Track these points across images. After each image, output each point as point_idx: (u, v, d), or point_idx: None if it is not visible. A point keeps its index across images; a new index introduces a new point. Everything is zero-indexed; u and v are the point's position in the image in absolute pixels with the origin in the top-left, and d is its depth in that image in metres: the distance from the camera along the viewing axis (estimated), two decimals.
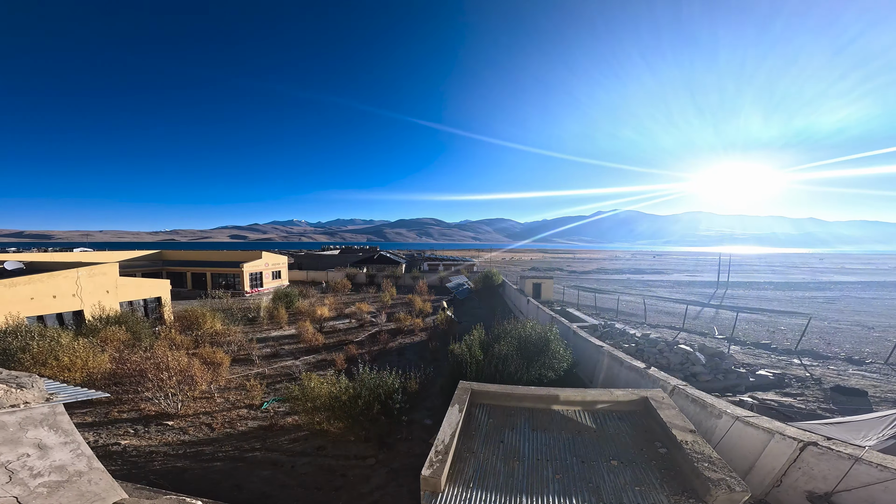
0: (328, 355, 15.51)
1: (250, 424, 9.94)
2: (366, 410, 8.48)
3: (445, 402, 10.04)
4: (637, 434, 5.51)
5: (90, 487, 3.71)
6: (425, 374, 12.12)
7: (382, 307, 26.70)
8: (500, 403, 6.37)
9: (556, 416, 6.02)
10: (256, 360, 14.89)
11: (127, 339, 14.48)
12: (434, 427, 9.44)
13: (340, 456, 8.36)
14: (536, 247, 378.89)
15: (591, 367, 11.49)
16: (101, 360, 12.16)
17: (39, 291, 16.59)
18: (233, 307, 22.48)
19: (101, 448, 8.76)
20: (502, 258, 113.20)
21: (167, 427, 9.88)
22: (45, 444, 3.85)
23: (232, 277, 33.92)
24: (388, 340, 17.96)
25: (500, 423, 5.84)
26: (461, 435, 5.34)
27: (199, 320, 17.77)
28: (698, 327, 21.55)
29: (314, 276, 45.23)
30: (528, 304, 21.86)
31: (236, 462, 8.16)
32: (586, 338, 12.41)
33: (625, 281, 50.50)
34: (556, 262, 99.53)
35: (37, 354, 11.16)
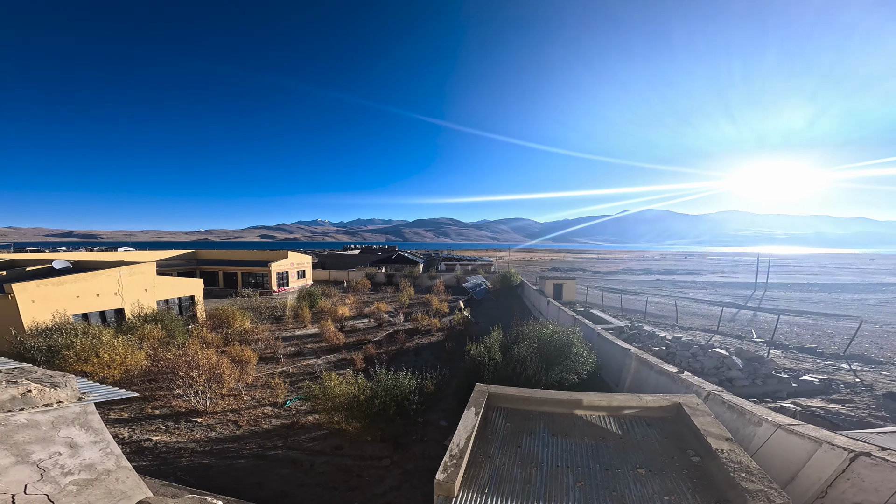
0: (348, 354, 15.74)
1: (274, 422, 10.13)
2: (382, 411, 8.53)
3: (461, 404, 9.93)
4: (667, 441, 5.25)
5: (117, 486, 3.83)
6: (441, 375, 12.07)
7: (400, 307, 26.95)
8: (518, 407, 6.21)
9: (578, 421, 5.81)
10: (281, 359, 15.30)
11: (162, 337, 15.02)
12: (449, 429, 9.37)
13: (357, 456, 8.44)
14: (557, 247, 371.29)
15: (617, 370, 11.07)
16: (139, 358, 12.56)
17: (84, 290, 17.19)
18: (261, 306, 23.24)
19: (135, 444, 9.07)
20: (521, 258, 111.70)
21: (196, 424, 10.13)
22: (76, 442, 3.96)
23: (260, 276, 34.97)
24: (405, 340, 18.09)
25: (518, 428, 5.68)
26: (477, 439, 5.22)
27: (230, 319, 18.24)
28: (734, 330, 20.44)
29: (336, 276, 46.23)
30: (549, 305, 21.40)
31: (259, 460, 8.34)
32: (612, 340, 11.98)
33: (653, 282, 48.60)
34: (579, 262, 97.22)
35: (80, 351, 11.54)
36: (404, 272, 46.12)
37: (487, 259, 70.65)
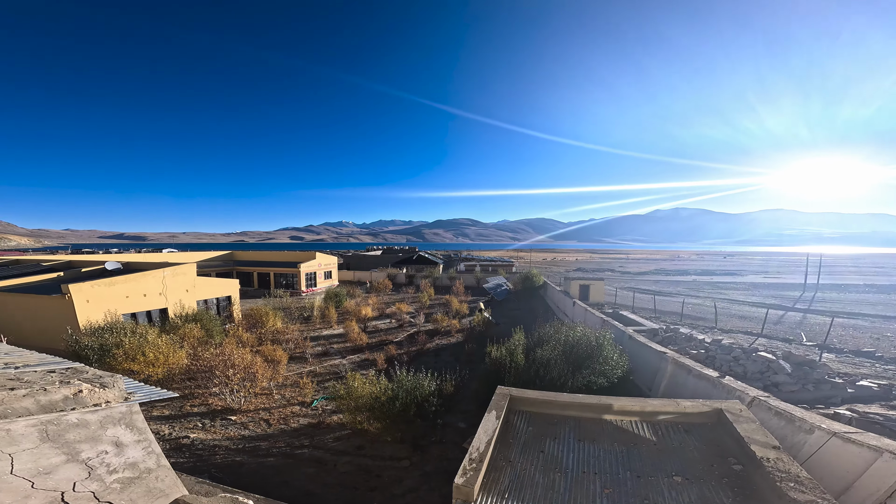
0: (370, 355, 16.02)
1: (301, 421, 10.40)
2: (402, 412, 8.63)
3: (480, 407, 9.83)
4: (706, 449, 4.98)
5: (156, 484, 3.98)
6: (461, 377, 12.04)
7: (420, 308, 27.15)
8: (541, 411, 6.05)
9: (607, 426, 5.59)
10: (309, 358, 15.76)
11: (201, 336, 15.54)
12: (468, 431, 9.33)
13: (377, 456, 8.57)
14: (582, 247, 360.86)
15: (651, 374, 10.67)
16: (180, 357, 13.01)
17: (133, 290, 17.90)
18: (291, 306, 23.86)
19: (174, 440, 9.44)
20: (543, 258, 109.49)
21: (230, 422, 10.44)
22: (122, 441, 4.11)
23: (291, 277, 36.14)
24: (425, 341, 18.21)
25: (541, 432, 5.53)
26: (498, 443, 5.12)
27: (263, 319, 18.79)
28: (781, 333, 19.16)
29: (360, 276, 47.07)
30: (574, 306, 20.89)
31: (287, 458, 8.57)
32: (645, 343, 11.55)
33: (690, 283, 46.25)
34: (607, 262, 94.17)
35: (128, 350, 12.05)
36: (424, 273, 46.45)
37: (508, 259, 69.79)
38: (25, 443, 3.47)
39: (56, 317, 15.49)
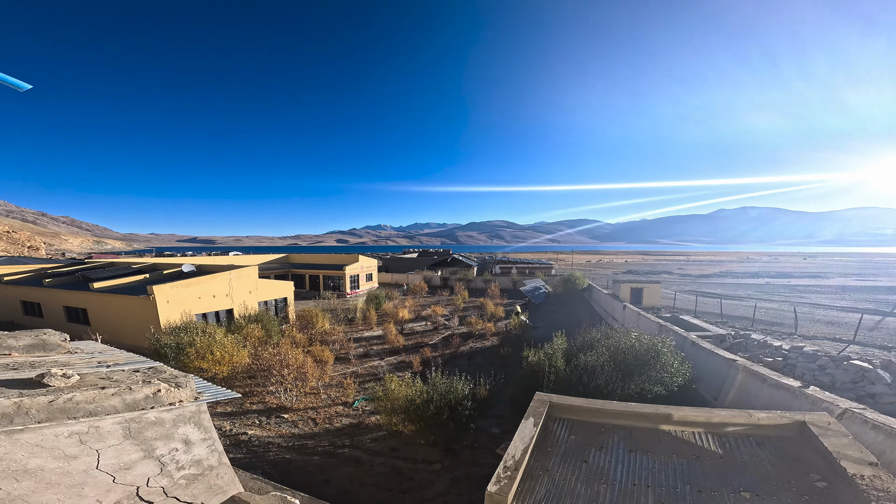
0: (407, 357, 16.31)
1: (344, 421, 10.70)
2: (436, 415, 8.67)
3: (515, 412, 9.66)
4: (783, 464, 4.56)
5: (216, 481, 4.20)
6: (495, 381, 11.83)
7: (455, 310, 27.18)
8: (586, 419, 5.77)
9: (664, 437, 5.23)
10: (352, 359, 16.25)
11: (261, 336, 15.97)
12: (501, 437, 9.23)
13: (410, 459, 8.73)
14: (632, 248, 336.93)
15: (717, 383, 9.98)
16: (242, 356, 13.39)
17: (204, 291, 18.60)
18: (337, 308, 24.93)
19: (233, 437, 9.80)
20: (587, 261, 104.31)
21: (283, 420, 10.79)
22: (190, 439, 4.31)
23: (337, 279, 37.44)
24: (459, 344, 18.21)
25: (585, 441, 5.26)
26: (535, 451, 4.94)
27: (314, 320, 19.07)
28: (878, 340, 17.12)
29: (397, 279, 48.01)
30: (625, 310, 19.83)
31: (329, 457, 8.89)
32: (710, 350, 10.83)
33: (763, 286, 42.18)
34: (662, 264, 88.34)
35: (199, 349, 12.49)
36: (459, 275, 46.30)
37: (546, 262, 67.38)
38: (111, 439, 3.67)
39: (142, 316, 16.63)
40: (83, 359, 5.92)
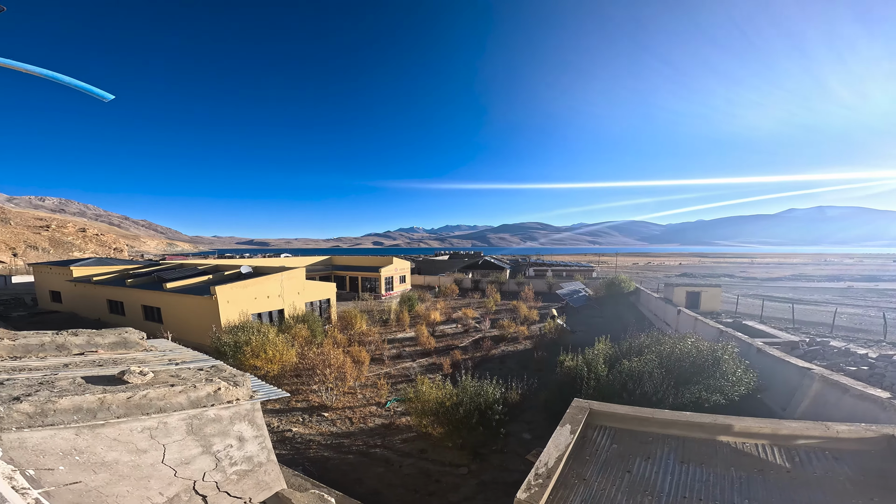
0: (437, 359, 16.31)
1: (377, 421, 10.81)
2: (465, 419, 8.61)
3: (549, 418, 9.43)
4: (864, 480, 4.16)
5: (264, 477, 4.33)
6: (528, 386, 11.47)
7: (486, 313, 26.81)
8: (630, 428, 5.46)
9: (722, 448, 4.89)
10: (386, 360, 16.44)
11: (307, 337, 16.18)
12: (532, 443, 9.01)
13: (437, 461, 8.71)
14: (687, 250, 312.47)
15: (786, 393, 9.31)
16: (290, 355, 13.59)
17: (259, 292, 18.98)
18: (373, 309, 25.34)
19: (279, 433, 10.03)
20: (633, 263, 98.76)
21: (323, 418, 11.00)
22: (244, 436, 4.41)
23: (373, 281, 38.14)
24: (490, 347, 17.95)
25: (629, 451, 4.95)
26: (570, 458, 4.73)
27: (353, 321, 19.40)
28: None
29: (429, 281, 48.16)
30: (680, 315, 18.76)
31: (362, 457, 9.00)
32: (780, 357, 10.11)
33: (843, 290, 38.20)
34: (723, 267, 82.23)
35: (254, 348, 12.79)
36: (490, 278, 45.65)
37: (587, 264, 64.64)
38: (176, 435, 3.81)
39: (205, 315, 17.24)
40: (157, 356, 6.14)
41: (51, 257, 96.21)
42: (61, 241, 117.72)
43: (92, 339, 6.03)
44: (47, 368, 4.57)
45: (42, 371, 4.38)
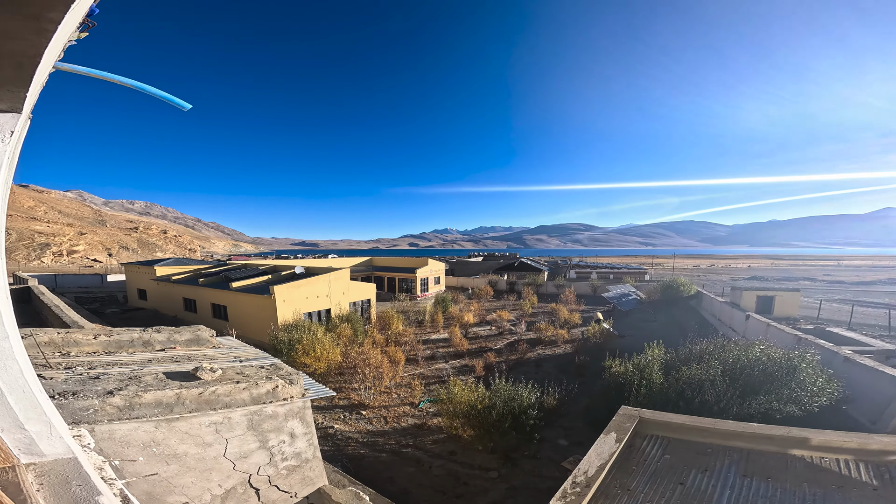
0: (470, 361, 16.15)
1: (409, 421, 10.88)
2: (497, 422, 8.46)
3: (589, 425, 9.09)
4: None
5: (309, 473, 4.50)
6: (567, 391, 11.03)
7: (522, 315, 26.10)
8: (686, 438, 5.12)
9: (795, 463, 4.49)
10: (420, 361, 16.39)
11: (350, 336, 16.49)
12: (569, 450, 8.69)
13: (466, 464, 8.65)
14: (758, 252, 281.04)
15: (878, 405, 8.55)
16: (336, 354, 13.85)
17: (310, 292, 19.38)
18: (409, 310, 25.51)
19: (322, 430, 10.20)
20: (694, 265, 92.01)
21: (361, 416, 11.15)
22: (295, 433, 4.52)
23: (409, 282, 38.26)
24: (526, 350, 17.47)
25: (684, 462, 4.64)
26: (614, 468, 4.49)
27: (391, 322, 19.52)
28: None
29: (462, 282, 47.38)
30: (749, 320, 17.47)
31: (394, 456, 9.08)
32: (871, 366, 9.25)
33: None
34: (802, 269, 74.43)
35: (305, 346, 13.06)
36: (527, 280, 44.20)
37: (638, 266, 60.43)
38: (237, 430, 3.91)
39: (264, 313, 17.86)
40: (223, 353, 6.48)
41: (138, 257, 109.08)
42: (147, 241, 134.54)
43: (171, 336, 6.49)
44: (135, 363, 5.00)
45: (131, 366, 4.79)
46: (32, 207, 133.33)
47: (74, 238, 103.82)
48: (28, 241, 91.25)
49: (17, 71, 1.53)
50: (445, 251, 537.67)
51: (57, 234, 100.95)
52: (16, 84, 1.60)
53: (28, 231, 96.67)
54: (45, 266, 77.98)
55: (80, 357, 5.14)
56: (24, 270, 51.32)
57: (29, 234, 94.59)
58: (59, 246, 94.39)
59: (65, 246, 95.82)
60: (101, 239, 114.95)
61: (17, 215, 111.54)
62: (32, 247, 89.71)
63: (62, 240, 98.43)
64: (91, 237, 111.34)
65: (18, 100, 1.69)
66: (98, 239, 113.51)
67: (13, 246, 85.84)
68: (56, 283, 37.15)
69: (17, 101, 1.70)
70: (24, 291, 18.03)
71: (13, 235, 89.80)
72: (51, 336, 5.36)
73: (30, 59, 1.49)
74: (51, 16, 1.34)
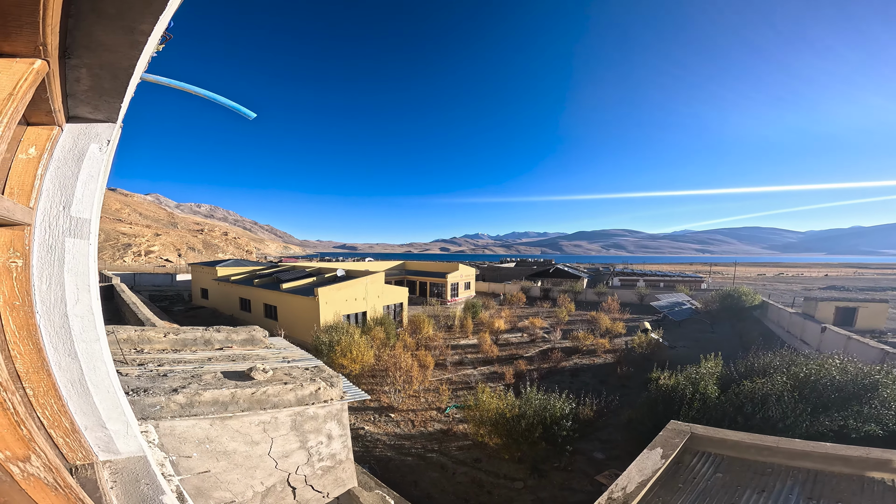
0: (500, 368, 15.90)
1: (436, 426, 10.89)
2: (527, 432, 8.22)
3: (630, 439, 8.67)
4: None
5: (341, 474, 4.59)
6: (606, 403, 10.61)
7: (557, 323, 25.22)
8: (743, 457, 4.77)
9: (872, 486, 4.11)
10: (448, 366, 16.33)
11: (383, 339, 16.64)
12: (605, 464, 8.35)
13: (492, 472, 8.57)
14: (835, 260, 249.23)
15: None
16: (369, 356, 13.96)
17: (349, 294, 19.80)
18: (439, 315, 25.60)
19: (354, 430, 10.18)
20: (760, 274, 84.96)
21: (390, 419, 11.21)
22: (332, 434, 4.62)
23: (440, 287, 38.33)
24: (560, 359, 16.90)
25: (738, 482, 4.33)
26: (657, 485, 4.22)
27: (421, 326, 19.65)
28: None
29: (493, 288, 46.31)
30: (825, 333, 16.27)
31: (420, 460, 9.12)
32: None
33: None
34: (889, 279, 67.16)
35: (343, 347, 13.27)
36: (563, 287, 42.42)
37: (694, 275, 55.75)
38: (282, 429, 3.99)
39: (308, 314, 18.39)
40: (274, 354, 6.72)
41: (203, 258, 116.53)
42: (210, 243, 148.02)
43: (229, 336, 6.82)
44: (197, 361, 5.29)
45: (193, 364, 5.08)
46: (118, 210, 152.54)
47: (151, 239, 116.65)
48: (114, 242, 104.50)
49: (114, 82, 1.57)
50: (476, 256, 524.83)
51: (137, 236, 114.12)
52: (112, 95, 1.63)
53: (114, 232, 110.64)
54: (126, 265, 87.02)
55: (152, 354, 5.53)
56: (108, 269, 56.88)
57: (115, 235, 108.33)
58: (139, 246, 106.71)
59: (143, 246, 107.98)
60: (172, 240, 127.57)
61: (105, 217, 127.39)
62: (117, 247, 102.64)
63: (141, 240, 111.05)
64: (165, 238, 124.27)
65: (115, 110, 1.73)
66: (170, 240, 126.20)
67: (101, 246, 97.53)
68: (134, 282, 41.04)
69: (114, 111, 1.73)
70: (108, 289, 20.07)
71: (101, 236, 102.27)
72: (129, 333, 5.79)
73: (125, 71, 1.52)
74: (142, 27, 1.35)
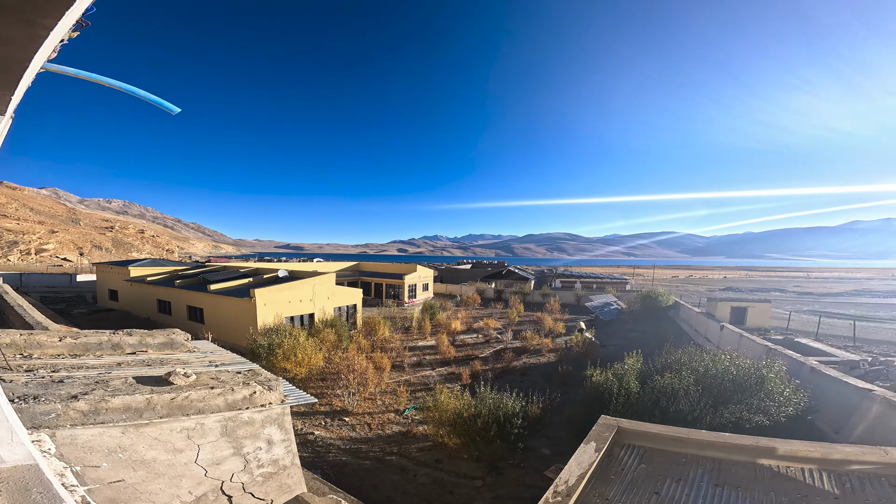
0: (457, 368, 16.09)
1: (394, 428, 10.77)
2: (483, 431, 8.46)
3: (572, 434, 9.12)
4: None
5: (287, 480, 4.41)
6: (550, 400, 11.02)
7: (509, 324, 26.15)
8: (663, 448, 5.24)
9: (763, 472, 4.62)
10: (406, 368, 16.32)
11: (334, 341, 16.17)
12: (552, 458, 8.72)
13: (452, 472, 8.60)
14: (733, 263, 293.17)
15: (842, 415, 8.79)
16: (318, 359, 13.65)
17: (293, 296, 19.12)
18: (396, 316, 25.28)
19: (302, 436, 10.01)
20: (673, 276, 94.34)
21: (344, 423, 11.02)
22: (272, 440, 4.44)
23: (397, 288, 38.10)
24: (512, 359, 17.52)
25: (659, 472, 4.76)
26: (594, 477, 4.56)
27: (377, 327, 19.31)
28: None
29: (451, 289, 47.20)
30: (723, 331, 17.92)
31: (379, 463, 9.00)
32: (836, 377, 9.54)
33: None
34: (773, 281, 77.18)
35: (285, 351, 12.88)
36: (514, 288, 44.39)
37: (620, 276, 61.80)
38: (210, 436, 3.86)
39: (243, 316, 17.62)
40: (199, 357, 6.28)
41: (112, 257, 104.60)
42: (122, 241, 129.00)
43: (143, 340, 6.26)
44: (103, 367, 4.78)
45: (98, 369, 4.57)
46: (3, 205, 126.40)
47: (45, 236, 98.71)
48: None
49: (4, 74, 1.56)
50: (435, 258, 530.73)
51: (26, 232, 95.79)
52: (2, 87, 1.63)
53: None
54: (11, 265, 73.77)
55: (44, 360, 4.91)
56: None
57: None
58: (28, 244, 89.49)
59: (33, 244, 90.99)
60: (73, 238, 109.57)
61: None
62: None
63: (31, 238, 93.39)
64: (63, 236, 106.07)
65: (3, 102, 1.73)
66: (70, 238, 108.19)
67: None
68: (21, 283, 35.56)
69: (2, 103, 1.74)
70: None
71: None
72: (12, 337, 5.09)
73: (19, 64, 1.50)
74: (45, 22, 1.34)
